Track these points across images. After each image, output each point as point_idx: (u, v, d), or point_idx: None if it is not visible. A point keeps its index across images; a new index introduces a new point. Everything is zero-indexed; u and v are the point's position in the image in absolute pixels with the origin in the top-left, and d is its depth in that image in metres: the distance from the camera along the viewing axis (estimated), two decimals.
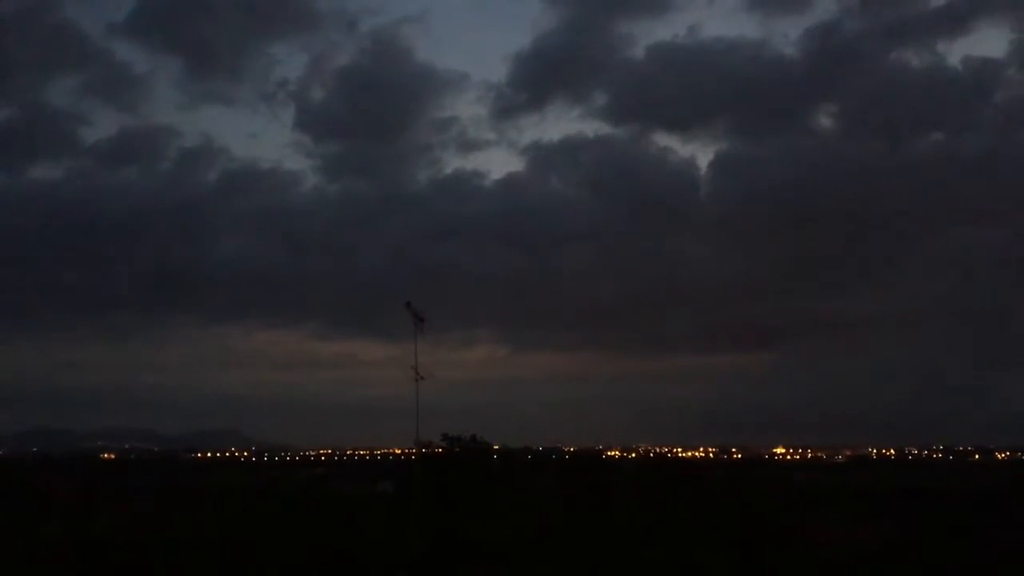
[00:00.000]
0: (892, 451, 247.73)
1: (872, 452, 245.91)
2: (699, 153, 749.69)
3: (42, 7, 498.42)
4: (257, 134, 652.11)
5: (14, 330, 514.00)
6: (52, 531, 44.94)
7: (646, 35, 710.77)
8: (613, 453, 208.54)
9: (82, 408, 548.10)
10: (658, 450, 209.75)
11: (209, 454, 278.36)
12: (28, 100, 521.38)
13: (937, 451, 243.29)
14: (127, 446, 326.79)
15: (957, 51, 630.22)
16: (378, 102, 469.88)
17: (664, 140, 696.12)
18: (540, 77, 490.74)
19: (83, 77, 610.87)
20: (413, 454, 42.04)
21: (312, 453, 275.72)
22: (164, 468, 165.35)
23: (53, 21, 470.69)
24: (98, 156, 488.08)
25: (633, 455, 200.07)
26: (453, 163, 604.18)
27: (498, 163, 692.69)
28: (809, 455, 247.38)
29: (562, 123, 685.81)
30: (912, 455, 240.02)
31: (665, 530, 39.05)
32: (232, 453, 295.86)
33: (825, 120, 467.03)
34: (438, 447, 43.71)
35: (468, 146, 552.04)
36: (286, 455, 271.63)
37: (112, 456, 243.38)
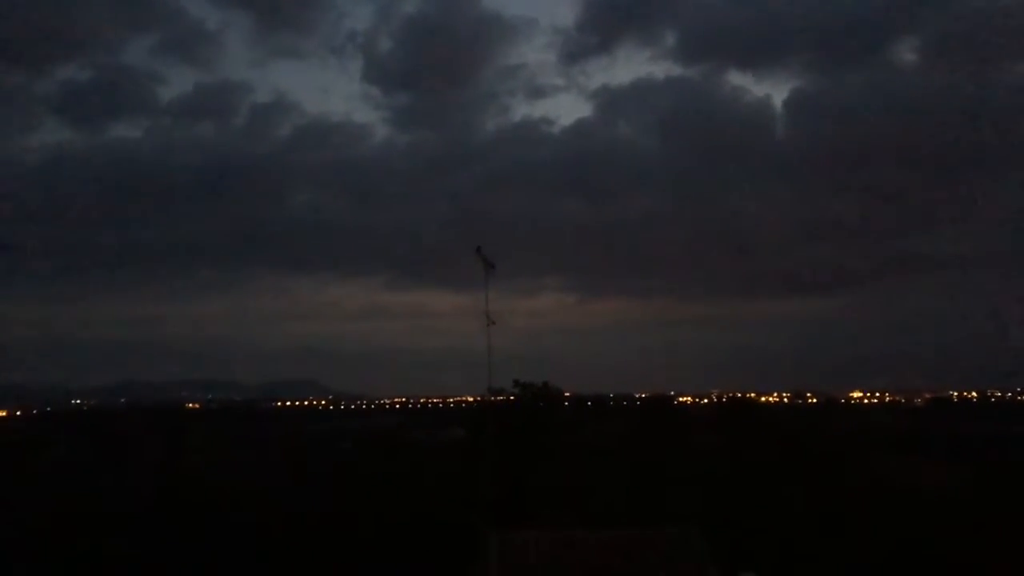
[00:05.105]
0: (974, 394, 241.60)
1: (953, 395, 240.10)
2: (774, 92, 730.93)
3: None
4: (327, 88, 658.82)
5: (97, 286, 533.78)
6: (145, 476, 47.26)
7: None
8: (685, 399, 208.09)
9: (164, 360, 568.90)
10: (731, 395, 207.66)
11: (288, 403, 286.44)
12: (107, 61, 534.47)
13: (1021, 393, 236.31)
14: (209, 396, 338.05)
15: None
16: (445, 51, 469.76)
17: (737, 79, 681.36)
18: (609, 19, 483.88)
19: (158, 36, 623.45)
20: (484, 401, 42.67)
21: (387, 401, 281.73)
22: (246, 416, 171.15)
23: None
24: (175, 113, 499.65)
25: (706, 401, 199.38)
26: (521, 110, 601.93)
27: (567, 109, 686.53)
28: (887, 399, 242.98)
29: (632, 65, 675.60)
30: (995, 398, 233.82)
31: (738, 472, 39.16)
32: (310, 402, 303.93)
33: (907, 54, 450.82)
34: (510, 394, 44.12)
35: (536, 92, 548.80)
36: (361, 403, 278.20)
37: (197, 406, 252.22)
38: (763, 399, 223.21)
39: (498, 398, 42.24)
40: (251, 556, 35.62)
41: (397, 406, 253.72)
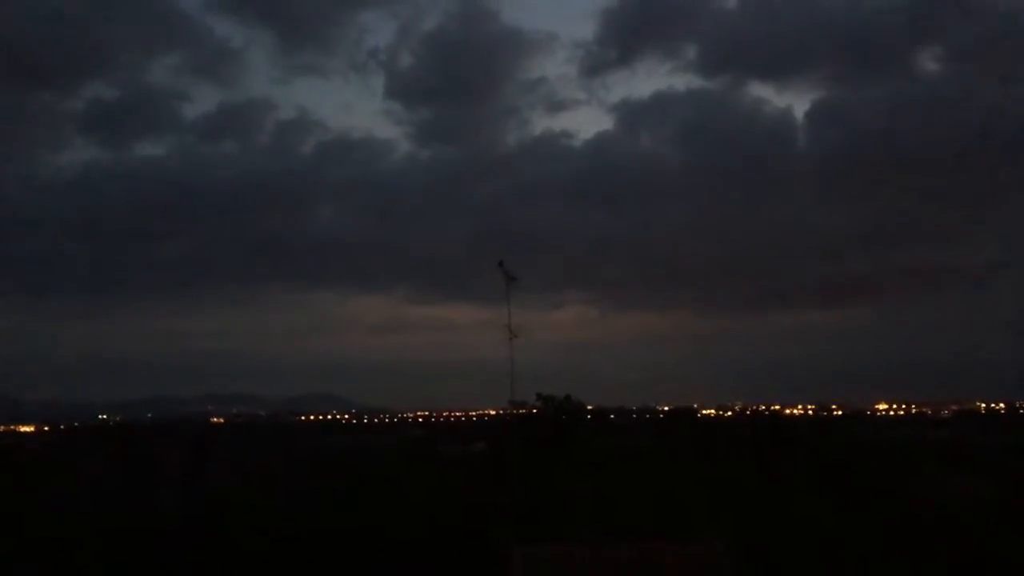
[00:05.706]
0: (1002, 405, 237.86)
1: (980, 406, 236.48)
2: (795, 103, 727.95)
3: None
4: (349, 104, 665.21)
5: (123, 302, 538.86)
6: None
7: None
8: (708, 412, 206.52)
9: (189, 375, 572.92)
10: (755, 408, 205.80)
11: (311, 417, 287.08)
12: (131, 80, 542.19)
13: None
14: (234, 411, 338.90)
15: None
16: (466, 66, 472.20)
17: (758, 91, 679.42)
18: (629, 32, 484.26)
19: (183, 54, 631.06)
20: (508, 414, 42.70)
21: (409, 415, 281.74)
22: (270, 430, 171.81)
23: (152, 1, 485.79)
24: (199, 132, 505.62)
25: (729, 413, 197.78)
26: (542, 124, 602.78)
27: (587, 122, 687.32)
28: (913, 410, 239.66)
29: (653, 78, 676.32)
30: None
31: (760, 484, 38.86)
32: (333, 415, 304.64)
33: (930, 64, 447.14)
34: (532, 408, 44.15)
35: (557, 106, 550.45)
36: (384, 417, 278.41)
37: (222, 420, 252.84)
38: (787, 411, 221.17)
39: (520, 411, 42.26)
40: (270, 566, 35.76)
41: (420, 419, 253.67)
